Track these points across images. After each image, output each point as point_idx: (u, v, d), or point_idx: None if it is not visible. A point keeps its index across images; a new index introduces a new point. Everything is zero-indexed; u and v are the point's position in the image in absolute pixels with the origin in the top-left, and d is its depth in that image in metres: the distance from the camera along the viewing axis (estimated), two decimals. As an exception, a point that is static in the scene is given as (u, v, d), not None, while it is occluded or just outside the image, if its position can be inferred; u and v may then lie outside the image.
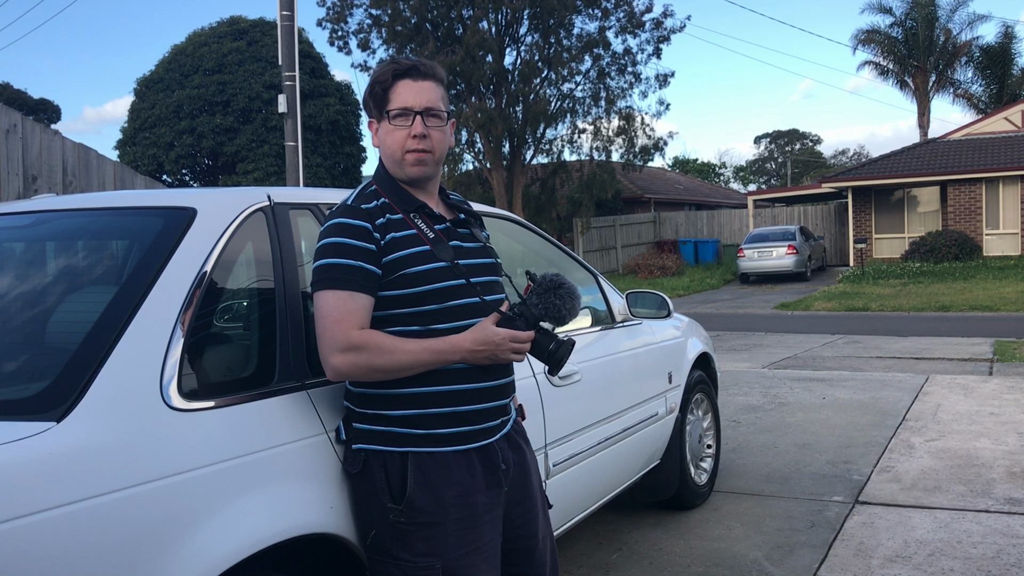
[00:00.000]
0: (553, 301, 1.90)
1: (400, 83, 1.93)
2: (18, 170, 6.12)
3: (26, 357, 1.79)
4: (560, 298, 1.91)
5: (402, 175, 1.96)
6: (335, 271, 1.82)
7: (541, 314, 1.91)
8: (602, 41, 23.49)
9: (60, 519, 1.41)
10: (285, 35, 10.53)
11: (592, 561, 3.61)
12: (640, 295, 3.87)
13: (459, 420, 1.90)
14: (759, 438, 5.66)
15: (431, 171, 1.97)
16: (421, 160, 1.93)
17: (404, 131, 1.92)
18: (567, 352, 1.94)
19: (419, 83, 1.93)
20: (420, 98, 1.92)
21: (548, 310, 1.91)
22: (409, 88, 1.92)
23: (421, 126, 1.92)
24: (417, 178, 1.96)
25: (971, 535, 3.68)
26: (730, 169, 64.86)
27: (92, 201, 2.26)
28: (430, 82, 1.94)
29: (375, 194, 1.95)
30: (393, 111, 1.92)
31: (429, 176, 1.98)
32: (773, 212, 28.94)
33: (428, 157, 1.94)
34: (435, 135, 1.94)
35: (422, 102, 1.92)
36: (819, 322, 13.93)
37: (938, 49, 32.77)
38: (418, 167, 1.94)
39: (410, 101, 1.91)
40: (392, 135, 1.93)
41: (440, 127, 1.96)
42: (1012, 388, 7.12)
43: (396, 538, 1.86)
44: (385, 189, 1.96)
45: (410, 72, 1.93)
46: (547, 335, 1.94)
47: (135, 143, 26.77)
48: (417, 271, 1.87)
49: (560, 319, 1.92)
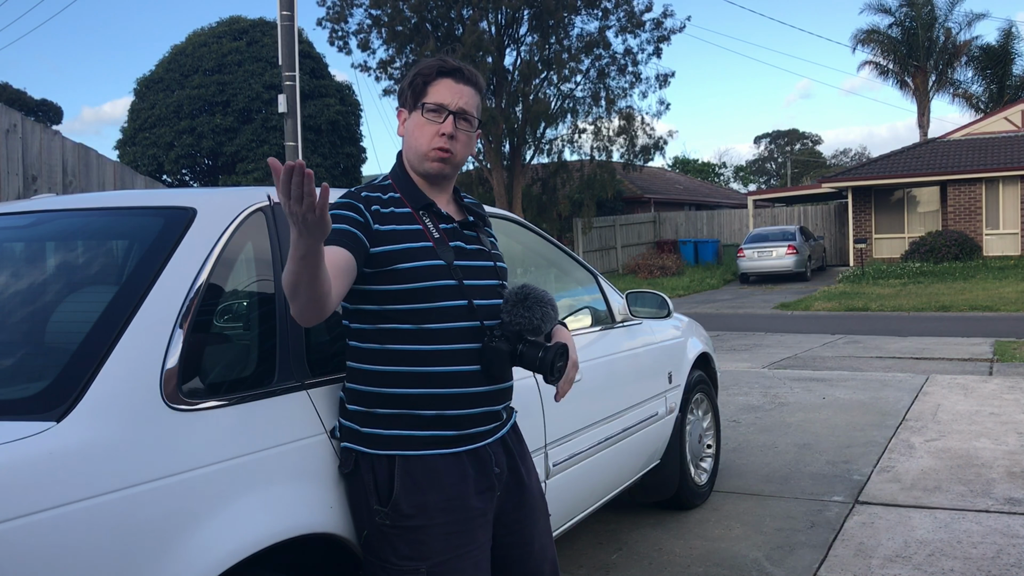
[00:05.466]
0: (523, 313, 1.91)
1: (442, 80, 1.95)
2: (18, 170, 6.12)
3: (26, 357, 1.79)
4: (528, 309, 1.91)
5: (420, 169, 1.98)
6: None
7: (517, 329, 1.92)
8: (602, 41, 23.51)
9: (60, 519, 1.40)
10: (285, 35, 10.53)
11: (592, 561, 3.61)
12: (640, 295, 3.87)
13: (447, 423, 1.89)
14: (759, 438, 5.66)
15: (449, 171, 1.99)
16: (443, 158, 1.95)
17: (434, 127, 1.94)
18: (555, 356, 1.94)
19: (460, 86, 1.96)
20: (458, 99, 1.95)
21: (522, 323, 1.91)
22: (449, 87, 1.95)
23: (452, 126, 1.94)
24: (435, 175, 1.98)
25: (971, 535, 3.68)
26: (730, 169, 64.93)
27: (92, 201, 2.26)
28: (470, 88, 1.98)
29: (388, 187, 1.98)
30: (429, 105, 1.94)
31: (446, 176, 2.00)
32: (773, 212, 28.94)
33: (450, 158, 1.96)
34: (462, 138, 1.97)
35: (459, 103, 1.94)
36: (819, 322, 13.93)
37: (938, 49, 32.78)
38: (438, 164, 1.96)
39: (447, 99, 1.94)
40: (422, 128, 1.95)
41: (469, 132, 1.98)
42: (1012, 388, 7.12)
43: (383, 540, 1.86)
44: (398, 184, 1.99)
45: (454, 73, 1.96)
46: (533, 345, 1.94)
47: (135, 143, 26.77)
48: (409, 267, 1.86)
49: (536, 329, 1.93)
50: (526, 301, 1.92)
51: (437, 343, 1.88)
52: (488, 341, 1.91)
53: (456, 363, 1.89)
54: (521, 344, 1.93)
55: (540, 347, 1.94)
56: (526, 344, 1.93)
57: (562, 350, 1.96)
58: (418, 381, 1.87)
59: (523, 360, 1.93)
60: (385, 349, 1.88)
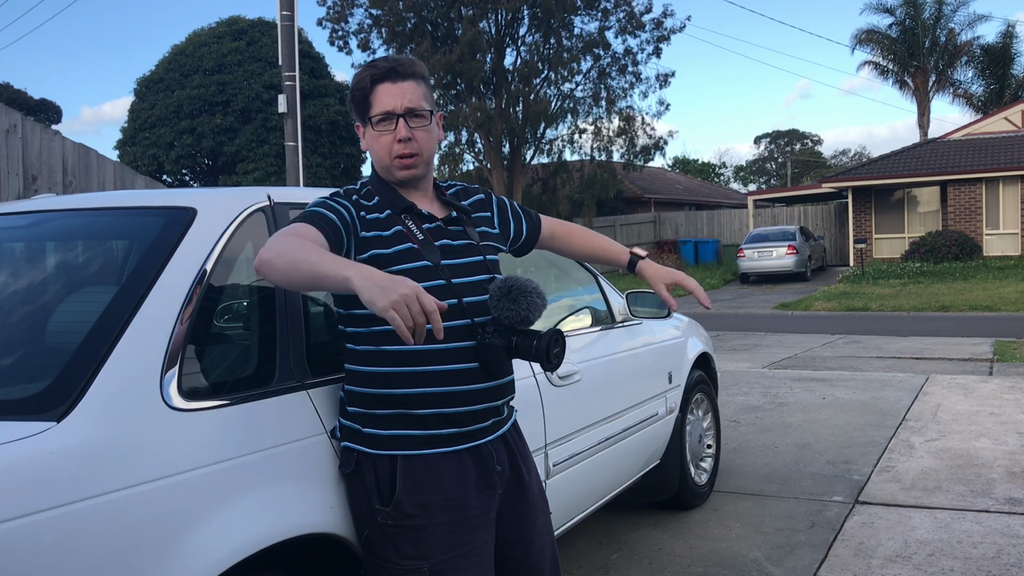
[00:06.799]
0: (509, 306, 1.89)
1: (379, 87, 1.90)
2: (18, 170, 6.12)
3: (26, 357, 1.79)
4: (514, 301, 1.88)
5: (392, 178, 1.96)
6: (305, 215, 1.83)
7: (507, 322, 1.90)
8: (602, 41, 23.52)
9: (60, 519, 1.40)
10: (285, 35, 10.53)
11: (592, 561, 3.61)
12: (640, 295, 3.87)
13: (446, 422, 1.88)
14: (759, 438, 5.66)
15: (421, 171, 1.96)
16: (408, 164, 1.92)
17: (389, 136, 1.90)
18: (550, 343, 1.90)
19: (399, 84, 1.90)
20: (401, 100, 1.89)
21: (510, 316, 1.89)
22: (389, 91, 1.89)
23: (405, 129, 1.89)
24: (407, 180, 1.95)
25: (971, 535, 3.68)
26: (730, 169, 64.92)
27: (92, 201, 2.26)
28: (410, 82, 1.91)
29: (369, 194, 1.96)
30: (376, 116, 1.90)
31: (419, 176, 1.97)
32: (773, 212, 28.94)
33: (416, 159, 1.92)
34: (420, 135, 1.92)
35: (404, 104, 1.89)
36: (819, 322, 13.93)
37: (938, 49, 32.77)
38: (406, 171, 1.93)
39: (391, 105, 1.89)
40: (378, 141, 1.92)
41: (424, 126, 1.93)
42: (1012, 388, 7.12)
43: (384, 539, 1.86)
44: (377, 190, 1.96)
45: (388, 75, 1.90)
46: (527, 335, 1.92)
47: (135, 143, 26.78)
48: (395, 271, 1.84)
49: (525, 320, 1.90)
50: (510, 294, 1.89)
51: (431, 342, 1.86)
52: (482, 339, 1.90)
53: (453, 361, 1.88)
54: (515, 336, 1.91)
55: (534, 336, 1.91)
56: (519, 335, 1.92)
57: (555, 335, 1.93)
58: (415, 381, 1.87)
59: (519, 352, 1.92)
60: (380, 350, 1.88)
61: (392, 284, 1.51)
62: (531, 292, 1.90)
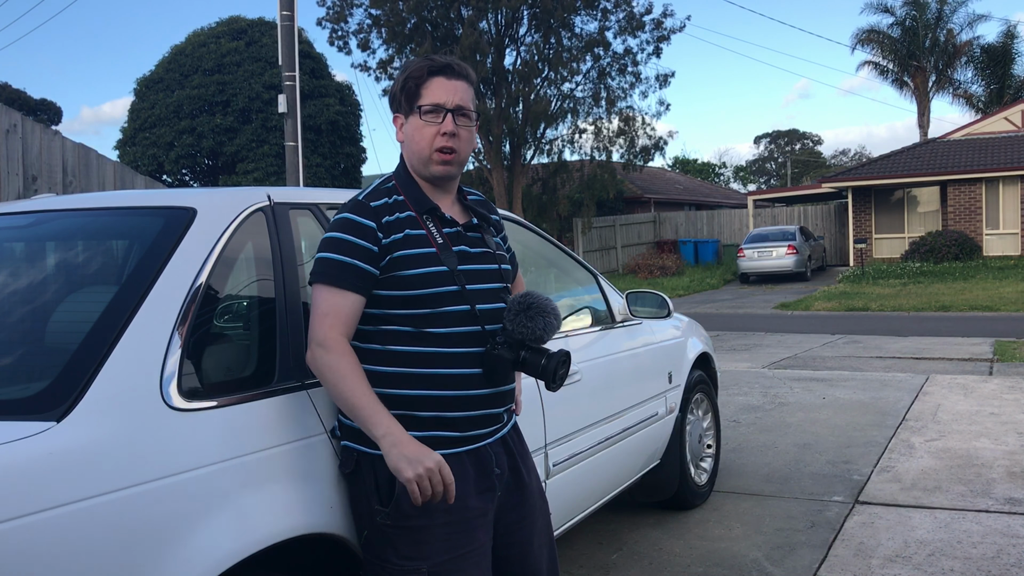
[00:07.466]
0: (525, 323, 1.91)
1: (434, 79, 1.93)
2: (18, 170, 6.12)
3: (26, 357, 1.79)
4: (531, 319, 1.91)
5: (426, 173, 1.96)
6: (330, 266, 1.84)
7: (520, 337, 1.92)
8: (602, 41, 23.50)
9: (60, 519, 1.41)
10: (285, 35, 10.53)
11: (592, 561, 3.61)
12: (640, 295, 3.87)
13: (446, 425, 1.89)
14: (759, 438, 5.66)
15: (455, 171, 1.97)
16: (447, 160, 1.93)
17: (434, 127, 1.92)
18: (558, 364, 1.94)
19: (453, 82, 1.93)
20: (453, 96, 1.92)
21: (524, 333, 1.91)
22: (443, 86, 1.93)
23: (452, 124, 1.92)
24: (441, 177, 1.96)
25: (971, 535, 3.68)
26: (730, 169, 64.88)
27: (92, 201, 2.26)
28: (463, 82, 1.95)
29: (392, 190, 1.96)
30: (425, 107, 1.92)
31: (452, 176, 1.98)
32: (773, 212, 28.94)
33: (455, 157, 1.94)
34: (463, 135, 1.95)
35: (455, 100, 1.92)
36: (819, 322, 13.93)
37: (938, 49, 32.77)
38: (443, 167, 1.94)
39: (443, 98, 1.92)
40: (421, 131, 1.93)
41: (469, 127, 1.96)
42: (1012, 388, 7.12)
43: (384, 540, 1.86)
44: (402, 186, 1.97)
45: (445, 70, 1.94)
46: (536, 352, 1.94)
47: (135, 143, 26.76)
48: (412, 274, 1.86)
49: (538, 339, 1.93)
50: (529, 311, 1.92)
51: (438, 346, 1.88)
52: (491, 349, 1.91)
53: (457, 366, 1.89)
54: (523, 351, 1.93)
55: (543, 354, 1.94)
56: (528, 351, 1.93)
57: (564, 357, 1.96)
58: (419, 383, 1.87)
59: (525, 367, 1.94)
60: (387, 350, 1.89)
61: (418, 456, 1.73)
62: (549, 312, 1.94)
